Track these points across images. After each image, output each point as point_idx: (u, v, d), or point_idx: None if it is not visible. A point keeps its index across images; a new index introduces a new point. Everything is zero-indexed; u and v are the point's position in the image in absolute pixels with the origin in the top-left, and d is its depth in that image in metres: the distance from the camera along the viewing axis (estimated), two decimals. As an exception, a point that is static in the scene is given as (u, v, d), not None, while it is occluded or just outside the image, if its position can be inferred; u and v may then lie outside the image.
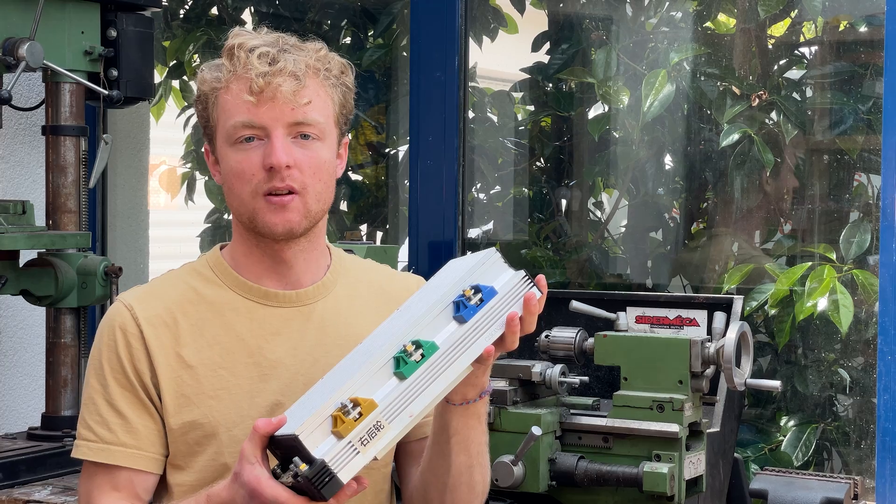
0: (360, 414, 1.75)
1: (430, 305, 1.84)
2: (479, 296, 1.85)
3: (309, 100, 1.96)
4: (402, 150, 4.47)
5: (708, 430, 2.53)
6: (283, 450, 1.77)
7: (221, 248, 2.10)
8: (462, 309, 1.83)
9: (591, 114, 4.26)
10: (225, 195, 2.03)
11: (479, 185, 4.41)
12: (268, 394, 2.00)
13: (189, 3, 4.73)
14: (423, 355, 1.80)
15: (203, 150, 2.09)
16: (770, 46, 4.02)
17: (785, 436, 3.55)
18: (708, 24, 4.12)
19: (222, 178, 2.02)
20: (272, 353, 2.02)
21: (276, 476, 1.76)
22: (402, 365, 1.79)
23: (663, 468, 2.40)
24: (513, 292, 1.87)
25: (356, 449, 1.74)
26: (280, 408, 1.97)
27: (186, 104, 4.81)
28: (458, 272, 1.89)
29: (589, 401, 2.60)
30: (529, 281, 1.89)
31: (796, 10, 3.90)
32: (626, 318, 2.60)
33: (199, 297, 2.04)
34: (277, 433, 1.76)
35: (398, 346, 1.80)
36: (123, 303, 2.03)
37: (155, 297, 2.04)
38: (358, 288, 2.12)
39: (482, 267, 1.87)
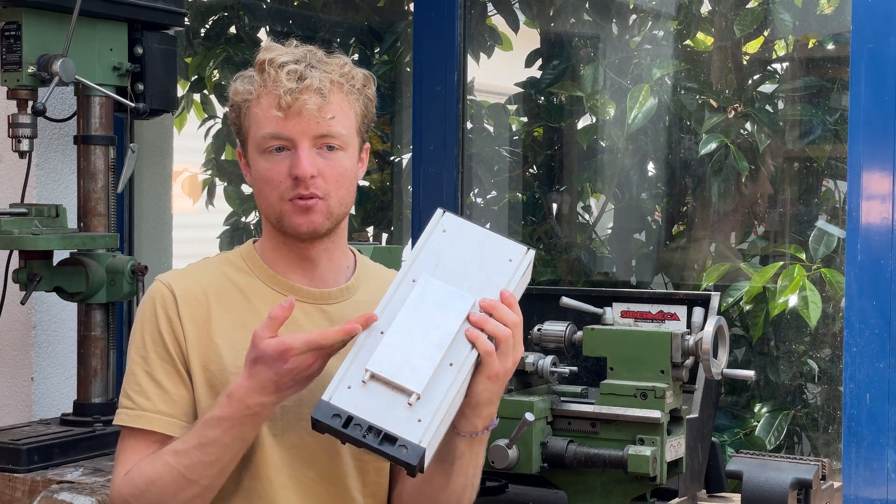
0: None
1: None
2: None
3: (333, 115, 1.95)
4: (406, 157, 4.47)
5: (687, 416, 2.53)
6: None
7: (254, 243, 2.10)
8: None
9: (580, 124, 4.27)
10: (255, 197, 2.03)
11: (476, 190, 4.42)
12: None
13: (210, 23, 4.73)
14: None
15: (236, 151, 2.09)
16: (745, 62, 4.02)
17: (758, 421, 3.55)
18: (688, 41, 4.13)
19: (252, 182, 2.02)
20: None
21: None
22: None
23: (646, 451, 2.40)
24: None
25: None
26: (296, 395, 1.97)
27: (207, 116, 4.82)
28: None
29: (578, 389, 2.61)
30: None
31: (769, 29, 3.91)
32: (612, 313, 2.60)
33: (230, 283, 2.04)
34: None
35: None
36: (162, 281, 2.04)
37: (190, 278, 2.04)
38: (378, 295, 2.11)
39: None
